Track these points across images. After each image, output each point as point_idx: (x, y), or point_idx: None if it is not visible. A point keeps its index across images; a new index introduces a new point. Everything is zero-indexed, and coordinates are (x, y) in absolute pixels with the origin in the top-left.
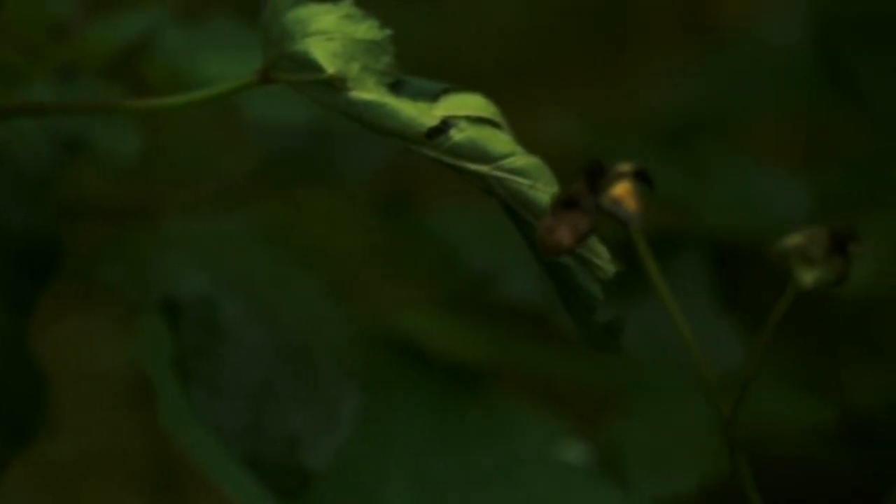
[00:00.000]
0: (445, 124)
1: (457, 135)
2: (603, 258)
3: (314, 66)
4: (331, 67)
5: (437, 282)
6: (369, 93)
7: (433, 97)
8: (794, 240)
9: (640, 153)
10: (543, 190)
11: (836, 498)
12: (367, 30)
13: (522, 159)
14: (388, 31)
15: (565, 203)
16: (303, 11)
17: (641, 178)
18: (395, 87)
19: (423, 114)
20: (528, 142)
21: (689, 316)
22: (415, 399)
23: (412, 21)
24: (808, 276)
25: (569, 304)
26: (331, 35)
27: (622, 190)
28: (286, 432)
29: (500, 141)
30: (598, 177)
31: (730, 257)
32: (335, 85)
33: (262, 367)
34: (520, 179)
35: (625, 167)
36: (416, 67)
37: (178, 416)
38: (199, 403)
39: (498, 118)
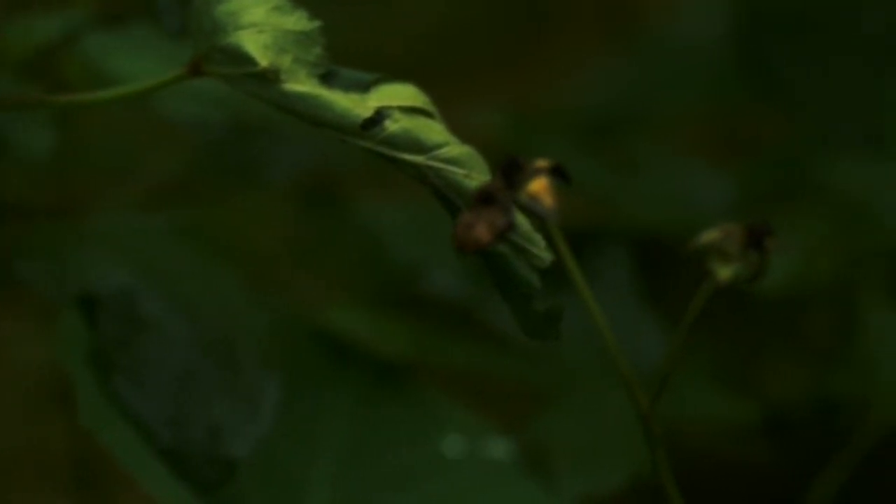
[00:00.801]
0: (380, 115)
1: (391, 125)
2: (539, 247)
3: (247, 59)
4: (264, 60)
5: (363, 277)
6: (302, 84)
7: (365, 88)
8: (710, 236)
9: (563, 148)
10: (478, 179)
11: (758, 493)
12: (297, 21)
13: (456, 149)
14: (317, 23)
15: (482, 199)
16: (233, 4)
17: (558, 173)
18: (327, 79)
19: (357, 105)
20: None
21: (612, 311)
22: (339, 394)
23: (335, 19)
24: (724, 273)
25: (506, 293)
26: (261, 27)
27: (539, 186)
28: (209, 422)
29: (433, 131)
30: (515, 173)
31: (653, 251)
32: (268, 77)
33: (184, 357)
34: (454, 169)
35: (541, 163)
36: (342, 64)
37: (98, 414)
38: (121, 395)
39: (430, 108)
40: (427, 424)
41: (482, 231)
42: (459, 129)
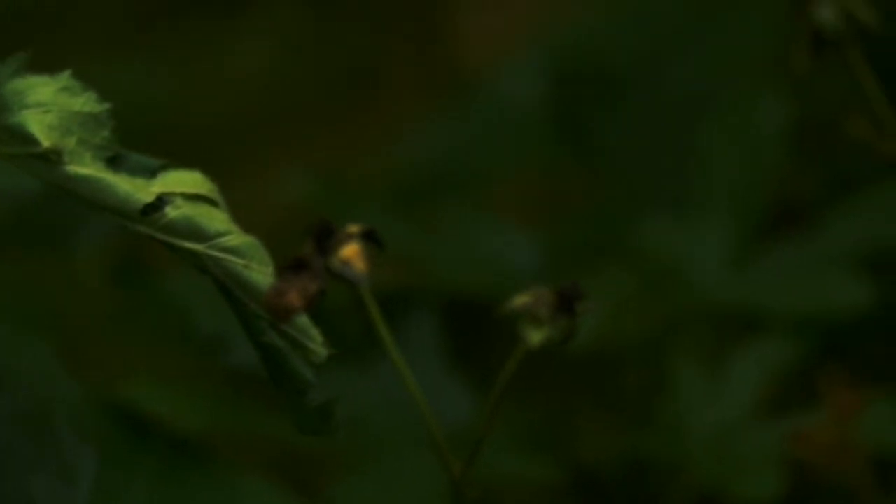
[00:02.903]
0: (161, 201)
1: (172, 212)
2: (315, 341)
3: (30, 139)
4: (46, 140)
5: (169, 349)
6: (86, 167)
7: (151, 173)
8: (521, 300)
9: (377, 210)
10: (258, 270)
11: None
12: (85, 103)
13: (237, 238)
14: (106, 105)
15: (294, 266)
16: (21, 83)
17: (370, 238)
18: (114, 162)
19: (140, 190)
20: (272, 201)
21: (420, 374)
22: (138, 470)
23: (157, 83)
24: (535, 337)
25: (281, 387)
26: (48, 107)
27: (351, 251)
28: (25, 497)
29: (215, 219)
30: (326, 238)
31: (464, 314)
32: (51, 158)
33: (1, 431)
34: (234, 259)
35: (353, 228)
36: (159, 130)
37: None
38: None
39: (215, 196)
40: (227, 498)
41: (294, 298)
42: (276, 194)
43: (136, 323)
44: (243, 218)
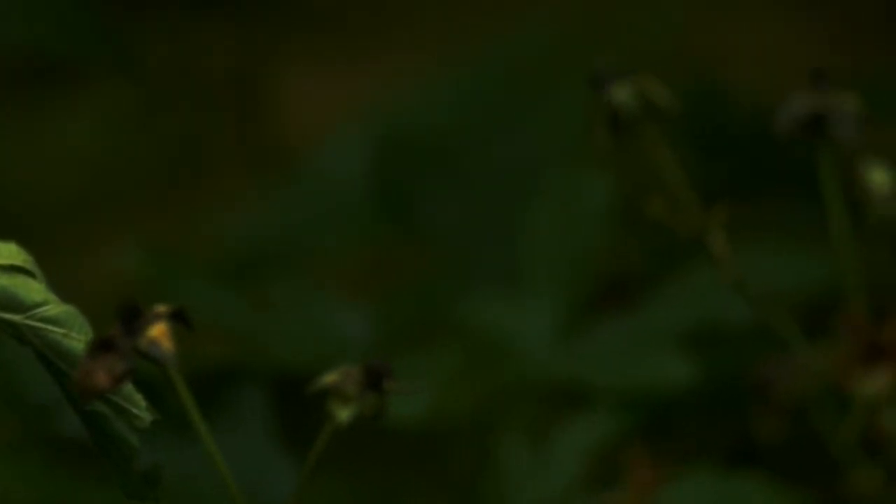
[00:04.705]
0: None
1: None
2: (139, 406)
3: None
4: None
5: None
6: None
7: None
8: (330, 377)
9: (203, 286)
10: (77, 339)
11: None
12: None
13: (56, 308)
14: None
15: (101, 346)
16: None
17: (179, 318)
18: None
19: None
20: (98, 277)
21: (244, 449)
22: None
23: None
24: (343, 413)
25: (107, 453)
26: None
27: (158, 331)
28: None
29: (32, 289)
30: (133, 319)
31: (294, 390)
32: None
33: None
34: (53, 328)
35: (161, 308)
36: None
37: None
38: None
39: (31, 266)
40: None
41: (101, 377)
42: (105, 268)
43: None
44: (71, 293)
